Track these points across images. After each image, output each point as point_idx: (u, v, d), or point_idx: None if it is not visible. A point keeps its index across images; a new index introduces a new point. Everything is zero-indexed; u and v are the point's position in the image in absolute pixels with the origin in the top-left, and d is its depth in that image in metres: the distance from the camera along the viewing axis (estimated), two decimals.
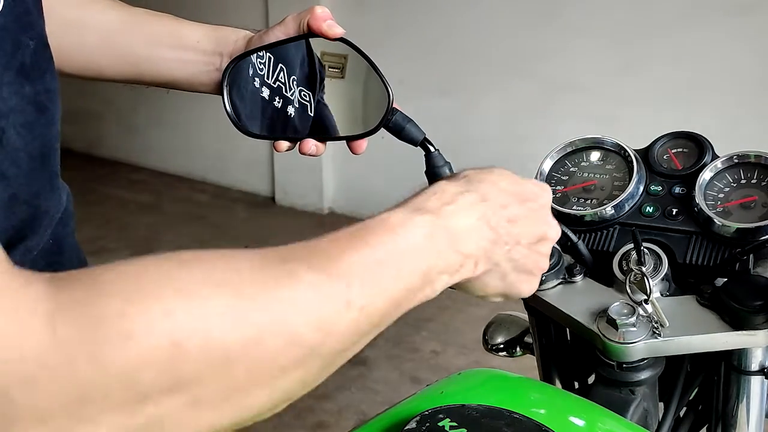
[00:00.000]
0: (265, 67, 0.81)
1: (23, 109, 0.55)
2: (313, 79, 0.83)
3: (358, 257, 0.47)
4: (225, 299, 0.39)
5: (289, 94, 0.82)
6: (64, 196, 0.65)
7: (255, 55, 0.80)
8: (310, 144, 0.78)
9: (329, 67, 0.83)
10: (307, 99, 0.83)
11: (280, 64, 0.82)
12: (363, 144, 0.80)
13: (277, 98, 0.82)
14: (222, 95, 0.80)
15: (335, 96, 0.84)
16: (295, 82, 0.82)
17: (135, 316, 0.35)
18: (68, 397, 0.34)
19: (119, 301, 0.35)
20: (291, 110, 0.82)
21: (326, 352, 0.44)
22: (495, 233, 0.57)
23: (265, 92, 0.82)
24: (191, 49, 0.82)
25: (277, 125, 0.83)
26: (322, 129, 0.83)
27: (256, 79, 0.81)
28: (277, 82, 0.82)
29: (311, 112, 0.83)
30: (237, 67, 0.80)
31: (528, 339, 1.03)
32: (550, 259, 0.84)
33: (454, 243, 0.54)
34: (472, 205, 0.57)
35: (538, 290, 0.84)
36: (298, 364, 0.42)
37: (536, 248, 0.62)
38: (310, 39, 0.80)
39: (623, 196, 0.88)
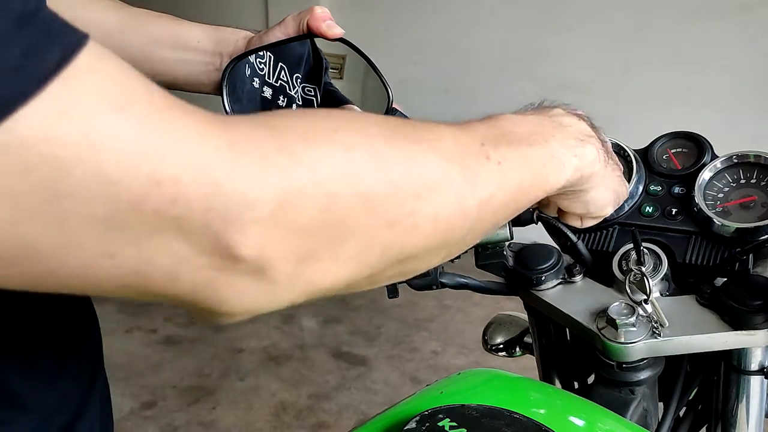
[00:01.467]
0: (265, 66, 0.81)
1: None
2: (317, 71, 0.83)
3: (485, 129, 0.53)
4: (395, 142, 0.44)
5: (292, 92, 0.82)
6: None
7: (255, 55, 0.80)
8: None
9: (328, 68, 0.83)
10: (312, 93, 0.83)
11: (281, 63, 0.82)
12: None
13: (281, 97, 0.82)
14: (221, 95, 0.80)
15: None
16: (298, 80, 0.83)
17: (313, 150, 0.39)
18: (281, 195, 0.38)
19: (297, 138, 0.40)
20: (295, 108, 0.82)
21: (479, 194, 0.48)
22: (595, 132, 0.64)
23: (268, 92, 0.81)
24: (191, 49, 0.82)
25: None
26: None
27: (256, 79, 0.81)
28: (279, 81, 0.82)
29: (317, 106, 0.83)
30: (237, 67, 0.80)
31: (528, 339, 1.03)
32: (550, 259, 0.84)
33: (565, 130, 0.60)
34: (562, 112, 0.64)
35: (537, 290, 0.85)
36: (457, 196, 0.46)
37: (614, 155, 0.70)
38: (310, 36, 0.80)
39: None
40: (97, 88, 0.34)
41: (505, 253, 0.85)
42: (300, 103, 0.82)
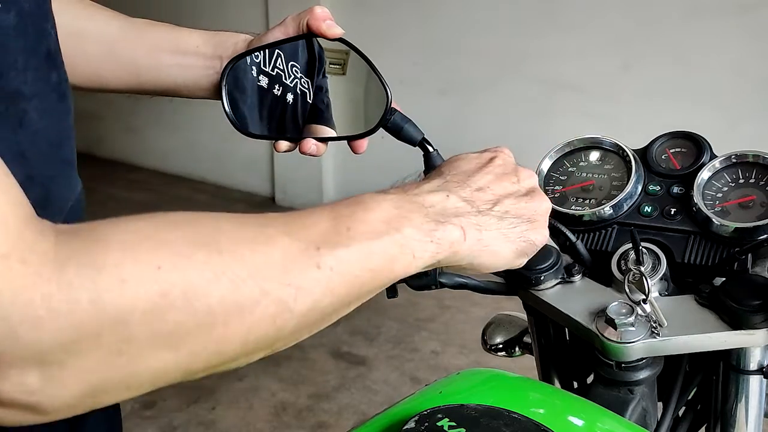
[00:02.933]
0: (260, 54, 0.82)
1: (47, 95, 0.57)
2: (312, 65, 0.83)
3: (328, 224, 0.51)
4: (206, 255, 0.43)
5: (288, 81, 0.83)
6: (78, 188, 0.66)
7: (253, 55, 0.81)
8: (310, 143, 0.79)
9: (331, 63, 0.83)
10: (306, 86, 0.83)
11: (277, 51, 0.82)
12: (364, 144, 0.80)
13: (276, 86, 0.83)
14: (221, 96, 0.80)
15: (336, 93, 0.85)
16: (295, 69, 0.83)
17: (130, 266, 0.40)
18: (67, 336, 0.38)
19: (117, 252, 0.40)
20: (290, 97, 0.83)
21: (299, 309, 0.47)
22: (468, 203, 0.60)
23: (264, 81, 0.82)
24: (191, 54, 0.82)
25: (276, 116, 0.83)
26: (321, 115, 0.83)
27: (253, 68, 0.82)
28: (276, 70, 0.83)
29: (310, 99, 0.84)
30: (236, 67, 0.81)
31: (527, 339, 1.03)
32: (549, 259, 0.84)
33: (425, 212, 0.57)
34: (437, 185, 0.61)
35: (537, 290, 0.85)
36: (271, 316, 0.45)
37: (523, 198, 0.64)
38: (310, 36, 0.80)
39: (622, 195, 0.88)
40: None
41: None
42: (298, 92, 0.83)
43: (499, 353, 1.06)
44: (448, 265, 0.59)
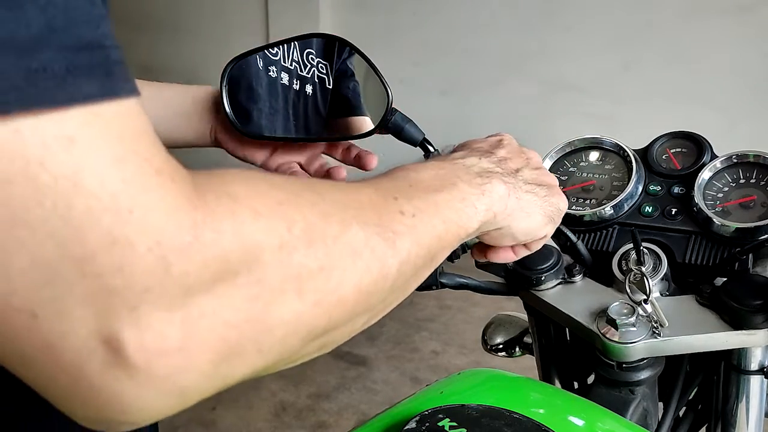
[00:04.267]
0: (279, 50, 0.81)
1: None
2: (329, 47, 0.81)
3: (390, 183, 0.52)
4: (311, 197, 0.43)
5: (305, 73, 0.81)
6: None
7: (265, 47, 0.80)
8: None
9: None
10: (324, 71, 0.82)
11: (293, 42, 0.81)
12: (374, 161, 0.81)
13: (295, 81, 0.81)
14: (221, 97, 0.79)
15: None
16: (311, 57, 0.82)
17: (259, 199, 0.39)
18: (211, 271, 0.35)
19: (242, 186, 0.38)
20: (309, 89, 0.82)
21: (398, 255, 0.47)
22: (499, 166, 0.61)
23: (285, 78, 0.80)
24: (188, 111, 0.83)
25: (289, 113, 0.82)
26: (349, 104, 0.82)
27: (272, 68, 0.80)
28: (293, 63, 0.81)
29: (329, 84, 0.82)
30: (239, 66, 0.80)
31: (527, 339, 1.03)
32: (550, 259, 0.84)
33: (467, 170, 0.58)
34: (465, 154, 0.62)
35: (537, 290, 0.85)
36: (378, 260, 0.45)
37: (536, 171, 0.65)
38: (311, 35, 0.80)
39: (622, 196, 0.88)
40: (112, 137, 0.33)
41: None
42: (314, 84, 0.81)
43: (500, 353, 1.06)
44: (486, 231, 0.60)
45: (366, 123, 0.80)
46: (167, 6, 4.10)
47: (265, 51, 0.80)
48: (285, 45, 0.80)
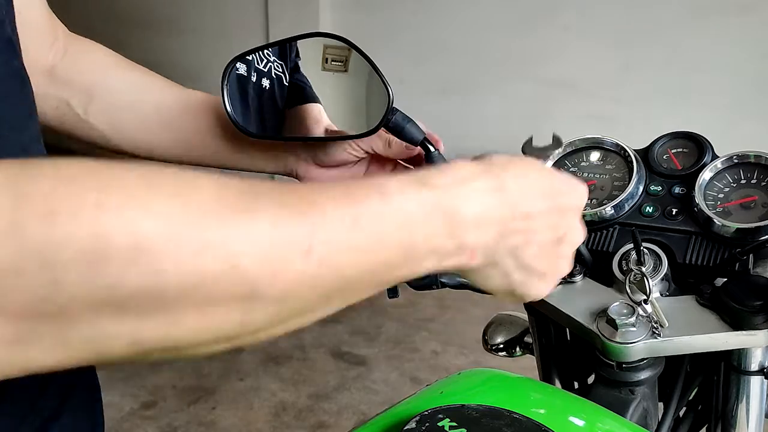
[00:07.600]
0: (254, 55, 0.84)
1: (8, 81, 0.56)
2: (283, 48, 0.85)
3: (334, 207, 0.42)
4: (168, 207, 0.36)
5: (261, 66, 0.85)
6: None
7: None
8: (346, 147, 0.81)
9: (333, 60, 0.83)
10: (280, 70, 0.86)
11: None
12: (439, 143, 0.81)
13: (264, 79, 0.85)
14: (222, 97, 0.80)
15: (339, 91, 0.84)
16: (270, 55, 0.86)
17: (63, 198, 0.33)
18: None
19: (51, 182, 0.33)
20: (266, 83, 0.85)
21: (271, 297, 0.39)
22: (503, 227, 0.51)
23: (252, 75, 0.85)
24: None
25: (263, 109, 0.84)
26: (304, 92, 0.85)
27: (254, 74, 0.84)
28: (264, 62, 0.86)
29: (286, 81, 0.86)
30: (238, 67, 0.81)
31: (528, 339, 1.03)
32: None
33: (452, 228, 0.48)
34: (487, 192, 0.50)
35: None
36: (236, 298, 0.38)
37: (554, 250, 0.57)
38: (311, 35, 0.80)
39: (623, 196, 0.88)
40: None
41: None
42: (271, 78, 0.85)
43: (500, 353, 1.06)
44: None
45: (319, 109, 0.83)
46: (167, 7, 4.10)
47: (263, 51, 0.82)
48: (288, 45, 0.82)
